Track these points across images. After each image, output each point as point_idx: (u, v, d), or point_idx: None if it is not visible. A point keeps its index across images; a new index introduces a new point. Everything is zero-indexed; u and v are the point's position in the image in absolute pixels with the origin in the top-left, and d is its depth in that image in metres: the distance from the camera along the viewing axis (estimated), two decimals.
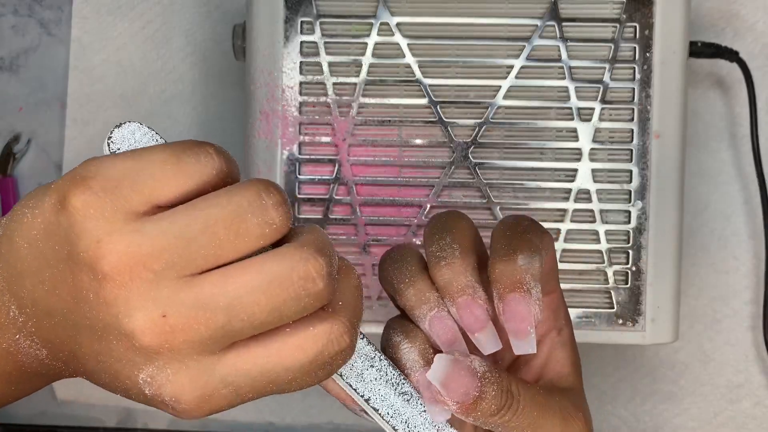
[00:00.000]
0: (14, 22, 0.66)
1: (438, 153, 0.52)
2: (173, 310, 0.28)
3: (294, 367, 0.30)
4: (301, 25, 0.52)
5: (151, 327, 0.28)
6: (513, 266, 0.34)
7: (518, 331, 0.34)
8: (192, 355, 0.29)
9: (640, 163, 0.52)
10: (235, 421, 0.64)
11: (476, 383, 0.33)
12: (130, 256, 0.28)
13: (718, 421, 0.63)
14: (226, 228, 0.28)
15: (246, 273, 0.28)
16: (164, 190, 0.29)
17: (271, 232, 0.29)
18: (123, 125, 0.32)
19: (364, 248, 0.52)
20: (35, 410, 0.65)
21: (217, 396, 0.30)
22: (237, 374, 0.30)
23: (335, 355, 0.30)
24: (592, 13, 0.51)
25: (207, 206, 0.29)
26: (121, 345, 0.29)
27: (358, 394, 0.34)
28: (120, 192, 0.28)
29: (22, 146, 0.65)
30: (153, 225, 0.28)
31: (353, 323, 0.31)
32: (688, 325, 0.62)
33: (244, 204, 0.29)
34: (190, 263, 0.28)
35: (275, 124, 0.52)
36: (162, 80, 0.65)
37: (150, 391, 0.30)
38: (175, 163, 0.29)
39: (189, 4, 0.65)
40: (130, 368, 0.30)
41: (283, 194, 0.30)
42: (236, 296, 0.28)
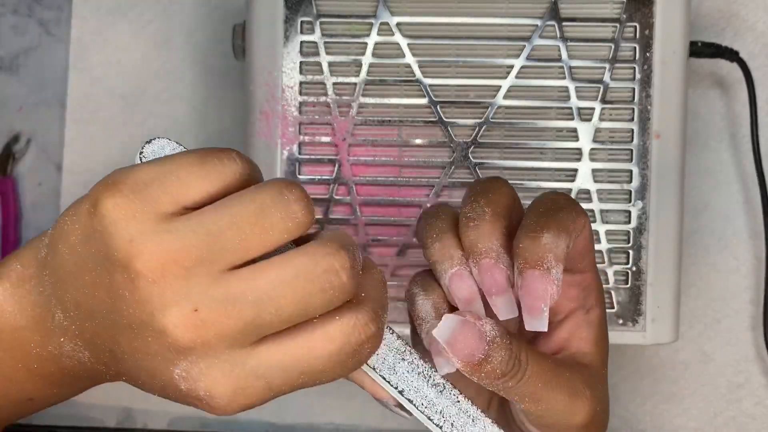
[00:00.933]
0: (14, 22, 0.66)
1: (438, 153, 0.52)
2: (204, 304, 0.29)
3: (323, 356, 0.31)
4: (301, 25, 0.52)
5: (183, 322, 0.30)
6: (537, 243, 0.34)
7: (531, 308, 0.34)
8: (224, 349, 0.30)
9: (640, 163, 0.52)
10: (235, 421, 0.64)
11: (483, 346, 0.34)
12: (161, 254, 0.29)
13: (718, 421, 0.63)
14: (251, 223, 0.30)
15: (273, 268, 0.30)
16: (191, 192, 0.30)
17: (294, 225, 0.30)
18: (153, 141, 0.34)
19: (364, 248, 0.52)
20: None
21: (250, 389, 0.31)
22: (269, 366, 0.31)
23: (363, 342, 0.31)
24: (592, 13, 0.51)
25: (232, 204, 0.30)
26: (156, 341, 0.30)
27: (392, 386, 0.35)
28: (149, 194, 0.30)
29: (22, 146, 0.65)
30: (182, 224, 0.30)
31: (378, 313, 0.32)
32: (688, 325, 0.62)
33: (267, 200, 0.30)
34: (219, 259, 0.30)
35: (275, 124, 0.52)
36: (162, 80, 0.65)
37: (185, 386, 0.31)
38: (199, 165, 0.31)
39: (189, 4, 0.65)
40: (166, 364, 0.31)
41: (304, 191, 0.31)
42: (264, 290, 0.30)
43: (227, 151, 0.32)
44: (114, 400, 0.65)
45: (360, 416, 0.64)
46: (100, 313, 0.31)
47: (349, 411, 0.64)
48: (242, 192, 0.31)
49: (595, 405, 0.37)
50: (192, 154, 0.31)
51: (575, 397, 0.36)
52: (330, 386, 0.64)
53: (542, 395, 0.36)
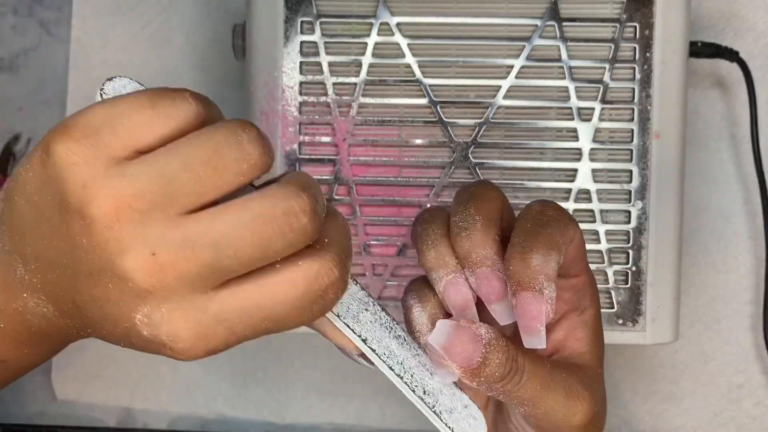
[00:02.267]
0: (14, 22, 0.66)
1: (438, 153, 0.52)
2: (162, 248, 0.29)
3: (287, 300, 0.31)
4: (301, 25, 0.52)
5: (141, 266, 0.29)
6: (527, 266, 0.35)
7: (528, 328, 0.35)
8: (184, 293, 0.30)
9: (640, 163, 0.52)
10: (235, 421, 0.64)
11: (480, 349, 0.34)
12: (114, 198, 0.29)
13: (718, 421, 0.63)
14: (204, 164, 0.29)
15: (231, 211, 0.30)
16: (143, 135, 0.30)
17: (249, 167, 0.30)
18: (115, 79, 0.33)
19: (364, 248, 0.52)
20: (35, 410, 0.65)
21: (212, 334, 0.31)
22: (230, 310, 0.31)
23: (326, 288, 0.31)
24: (592, 13, 0.51)
25: (185, 145, 0.30)
26: (116, 287, 0.30)
27: (356, 334, 0.35)
28: (100, 138, 0.30)
29: (22, 146, 0.65)
30: (134, 167, 0.29)
31: (341, 258, 0.32)
32: (688, 325, 0.62)
33: (221, 140, 0.30)
34: (174, 201, 0.29)
35: (275, 124, 0.52)
36: (162, 80, 0.65)
37: (147, 332, 0.31)
38: (151, 107, 0.30)
39: (189, 4, 0.65)
40: (127, 310, 0.31)
41: (260, 131, 0.31)
42: (222, 233, 0.29)
43: (180, 91, 0.31)
44: (114, 400, 0.65)
45: (360, 416, 0.64)
46: (60, 263, 0.31)
47: (349, 411, 0.64)
48: (196, 133, 0.30)
49: (593, 405, 0.37)
50: (143, 94, 0.31)
51: (573, 398, 0.36)
52: (330, 386, 0.64)
53: (541, 397, 0.36)
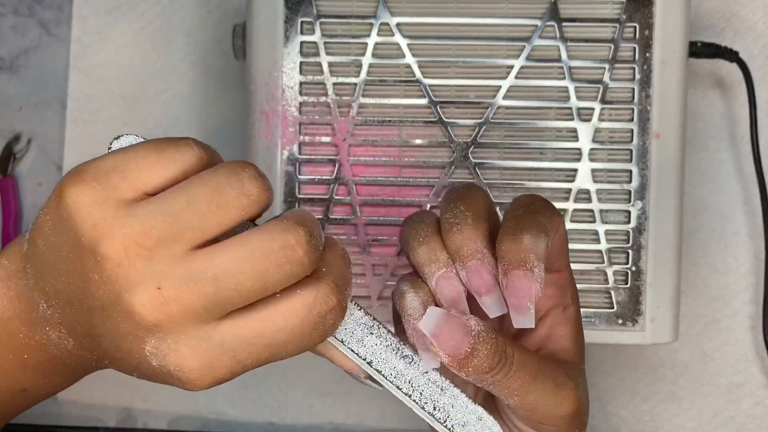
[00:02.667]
0: (14, 22, 0.66)
1: (438, 153, 0.52)
2: (167, 282, 0.31)
3: (286, 328, 0.33)
4: (301, 25, 0.52)
5: (148, 300, 0.31)
6: (519, 245, 0.36)
7: (519, 306, 0.36)
8: (189, 324, 0.32)
9: (640, 163, 0.52)
10: (235, 421, 0.64)
11: (468, 339, 0.35)
12: (123, 236, 0.31)
13: (718, 421, 0.63)
14: (207, 202, 0.31)
15: (231, 246, 0.31)
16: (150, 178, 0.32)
17: (249, 203, 0.32)
18: (122, 137, 0.35)
19: (364, 248, 0.52)
20: (35, 410, 0.65)
21: (218, 363, 0.33)
22: (234, 340, 0.32)
23: (325, 314, 0.33)
24: (592, 13, 0.51)
25: (189, 185, 0.32)
26: (126, 320, 0.32)
27: (361, 357, 0.36)
28: (109, 181, 0.32)
29: (22, 146, 0.65)
30: (142, 208, 0.32)
31: (338, 285, 0.34)
32: (688, 325, 0.62)
33: (222, 179, 0.32)
34: (179, 238, 0.31)
35: (275, 124, 0.52)
36: (162, 80, 0.65)
37: (156, 363, 0.33)
38: (157, 152, 0.32)
39: (189, 4, 0.65)
40: (137, 342, 0.32)
41: (258, 170, 0.33)
42: (223, 267, 0.31)
43: (184, 139, 0.33)
44: (114, 400, 0.65)
45: (360, 416, 0.64)
46: (77, 299, 0.33)
47: (349, 411, 0.64)
48: (199, 174, 0.32)
49: (579, 396, 0.38)
50: (150, 143, 0.33)
51: (561, 389, 0.37)
52: (330, 386, 0.64)
53: (530, 388, 0.36)
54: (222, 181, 0.32)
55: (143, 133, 0.64)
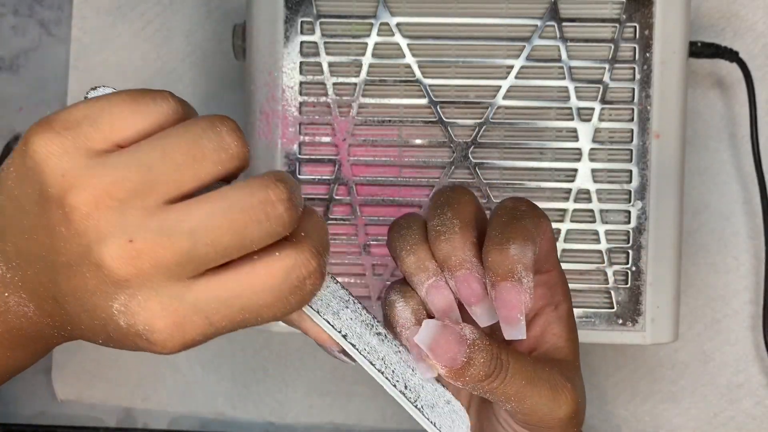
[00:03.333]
0: (14, 22, 0.66)
1: (438, 153, 0.52)
2: (139, 235, 0.30)
3: (264, 290, 0.31)
4: (301, 25, 0.52)
5: (119, 253, 0.30)
6: (505, 256, 0.35)
7: (509, 318, 0.35)
8: (161, 281, 0.30)
9: (640, 163, 0.52)
10: (235, 421, 0.64)
11: (464, 349, 0.35)
12: (94, 187, 0.30)
13: (718, 421, 0.63)
14: (183, 154, 0.30)
15: (209, 200, 0.30)
16: (123, 129, 0.31)
17: (227, 157, 0.31)
18: (99, 88, 0.34)
19: (364, 248, 0.52)
20: (35, 410, 0.65)
21: (189, 324, 0.31)
22: (208, 300, 0.31)
23: (304, 278, 0.32)
24: (592, 13, 0.51)
25: (164, 136, 0.31)
26: (94, 275, 0.30)
27: (336, 329, 0.35)
28: (80, 130, 0.30)
29: None
30: (114, 158, 0.30)
31: (318, 250, 0.32)
32: (688, 325, 0.62)
33: (199, 132, 0.30)
34: (153, 191, 0.30)
35: (275, 124, 0.52)
36: (162, 80, 0.65)
37: (124, 322, 0.31)
38: (132, 103, 0.31)
39: (189, 4, 0.65)
40: (105, 299, 0.31)
41: (237, 125, 0.32)
42: (199, 221, 0.30)
43: (161, 91, 0.32)
44: (114, 400, 0.65)
45: (360, 416, 0.64)
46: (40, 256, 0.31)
47: (349, 411, 0.64)
48: (176, 126, 0.31)
49: (576, 396, 0.38)
50: (125, 93, 0.31)
51: (558, 391, 0.37)
52: (330, 386, 0.64)
53: (526, 393, 0.36)
54: (199, 132, 0.30)
55: None
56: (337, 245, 0.52)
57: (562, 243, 0.52)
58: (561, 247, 0.52)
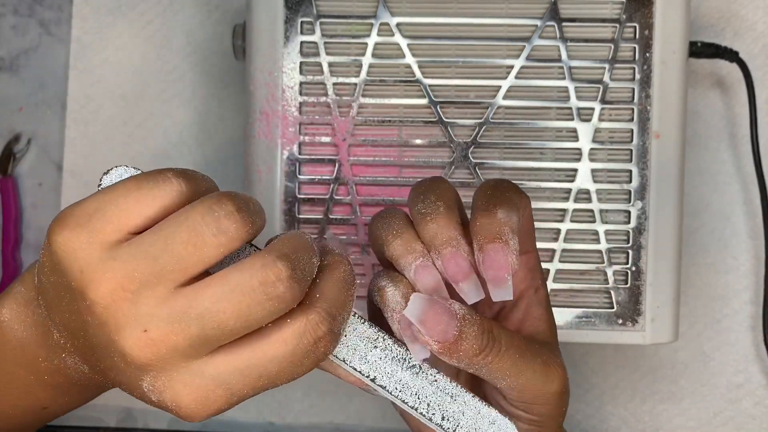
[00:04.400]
0: (14, 22, 0.66)
1: (438, 153, 0.52)
2: (152, 324, 0.32)
3: (278, 358, 0.33)
4: (301, 25, 0.52)
5: (136, 342, 0.32)
6: (493, 219, 0.36)
7: (497, 279, 0.36)
8: (180, 362, 0.32)
9: (640, 163, 0.52)
10: (235, 421, 0.64)
11: (455, 322, 0.35)
12: (108, 281, 0.32)
13: (718, 421, 0.63)
14: (183, 243, 0.31)
15: (212, 285, 0.32)
16: (131, 218, 0.32)
17: (227, 240, 0.32)
18: (112, 171, 0.35)
19: (364, 248, 0.52)
20: None
21: (213, 396, 0.33)
22: (227, 372, 0.33)
23: (315, 342, 0.33)
24: (592, 13, 0.51)
25: (165, 226, 0.32)
26: (121, 360, 0.33)
27: (363, 375, 0.36)
28: (92, 225, 0.32)
29: (23, 146, 0.65)
30: (124, 250, 0.32)
31: (330, 312, 0.33)
32: (688, 325, 0.62)
33: (198, 218, 0.32)
34: (160, 279, 0.31)
35: (275, 124, 0.52)
36: (162, 80, 0.65)
37: (155, 398, 0.33)
38: (136, 191, 0.33)
39: (189, 4, 0.65)
40: (135, 379, 0.33)
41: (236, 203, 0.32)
42: (205, 306, 0.31)
43: (163, 172, 0.33)
44: (114, 400, 0.65)
45: (360, 416, 0.64)
46: (80, 334, 0.34)
47: (349, 411, 0.64)
48: (176, 214, 0.32)
49: (565, 373, 0.38)
50: (131, 180, 0.33)
51: (549, 365, 0.38)
52: (330, 386, 0.64)
53: (521, 367, 0.37)
54: (198, 219, 0.32)
55: (143, 134, 0.64)
56: None
57: (562, 243, 0.52)
58: (561, 247, 0.52)
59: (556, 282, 0.52)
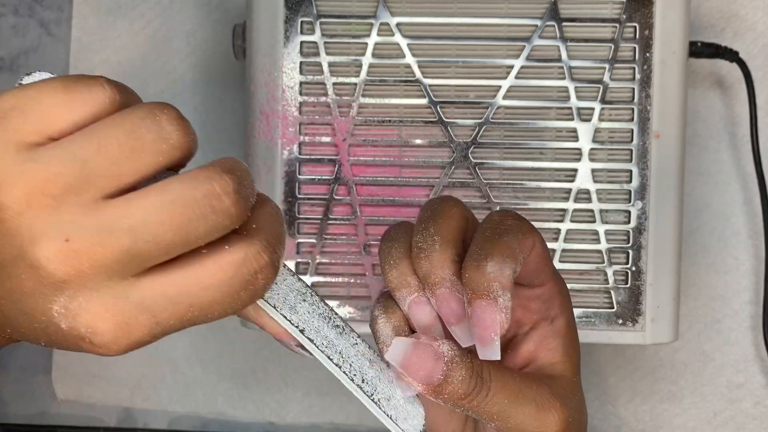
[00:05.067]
0: (14, 22, 0.66)
1: (438, 153, 0.52)
2: (76, 234, 0.28)
3: (213, 286, 0.29)
4: (301, 25, 0.52)
5: (55, 253, 0.28)
6: (481, 273, 0.34)
7: (482, 338, 0.34)
8: (102, 280, 0.29)
9: (640, 163, 0.52)
10: (235, 421, 0.64)
11: (440, 366, 0.34)
12: (25, 183, 0.28)
13: (718, 421, 0.63)
14: (120, 145, 0.28)
15: (150, 194, 0.28)
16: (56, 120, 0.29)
17: (168, 147, 0.29)
18: (34, 73, 0.32)
19: (364, 248, 0.52)
20: (35, 410, 0.65)
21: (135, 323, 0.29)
22: (154, 298, 0.29)
23: (255, 273, 0.30)
24: (592, 13, 0.51)
25: (100, 127, 0.29)
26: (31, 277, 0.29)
27: (293, 324, 0.34)
28: (8, 124, 0.28)
29: None
30: (47, 152, 0.28)
31: (271, 242, 0.30)
32: (688, 325, 0.62)
33: (137, 121, 0.29)
34: (89, 186, 0.28)
35: (275, 124, 0.52)
36: (162, 80, 0.65)
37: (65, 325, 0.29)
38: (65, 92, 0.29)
39: (189, 4, 0.65)
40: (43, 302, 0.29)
41: (179, 112, 0.29)
42: (140, 217, 0.28)
43: (96, 78, 0.30)
44: (114, 400, 0.65)
45: (360, 416, 0.64)
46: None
47: (349, 411, 0.64)
48: (112, 116, 0.29)
49: (567, 416, 0.36)
50: (56, 80, 0.29)
51: (544, 411, 0.36)
52: (330, 386, 0.64)
53: (510, 412, 0.35)
54: (138, 122, 0.29)
55: None
56: (337, 245, 0.52)
57: (562, 243, 0.52)
58: (561, 247, 0.52)
59: None
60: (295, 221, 0.52)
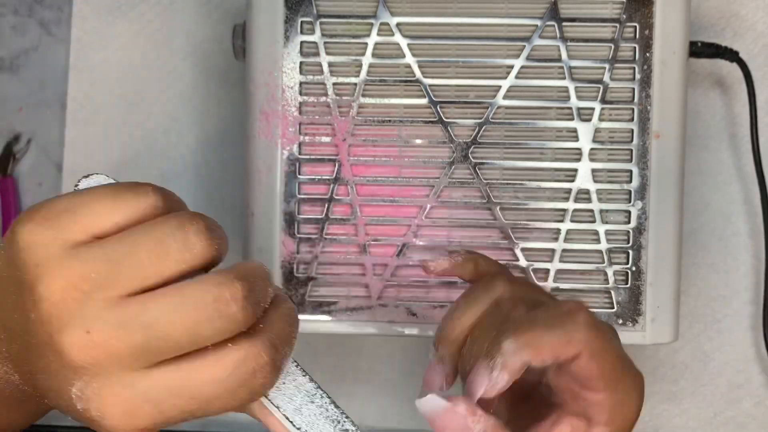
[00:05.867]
0: (14, 22, 0.66)
1: (438, 153, 0.52)
2: (97, 327, 0.31)
3: (212, 381, 0.32)
4: (301, 25, 0.52)
5: (77, 342, 0.31)
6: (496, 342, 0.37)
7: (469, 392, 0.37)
8: (116, 370, 0.31)
9: (640, 163, 0.52)
10: (235, 421, 0.64)
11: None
12: (62, 278, 0.31)
13: (718, 421, 0.63)
14: (148, 251, 0.31)
15: (165, 296, 0.31)
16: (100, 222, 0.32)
17: (191, 256, 0.31)
18: (91, 176, 0.35)
19: (364, 248, 0.52)
20: None
21: (139, 412, 0.32)
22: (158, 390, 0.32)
23: (254, 371, 0.32)
24: (592, 13, 0.51)
25: (134, 233, 0.32)
26: (56, 360, 0.32)
27: (295, 426, 0.35)
28: (59, 222, 0.32)
29: (22, 146, 0.65)
30: (86, 250, 0.31)
31: (273, 343, 0.32)
32: (688, 325, 0.62)
33: (167, 230, 0.31)
34: (115, 284, 0.31)
35: (275, 124, 0.52)
36: (162, 80, 0.65)
37: (81, 406, 0.32)
38: (112, 197, 0.32)
39: (189, 4, 0.65)
40: (65, 383, 0.32)
41: (208, 224, 0.32)
42: (154, 316, 0.31)
43: (143, 185, 0.33)
44: None
45: (360, 416, 0.64)
46: (19, 335, 0.33)
47: (350, 411, 0.64)
48: (146, 223, 0.32)
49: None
50: (108, 187, 0.33)
51: None
52: (330, 386, 0.63)
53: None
54: (167, 231, 0.31)
55: (142, 134, 0.64)
56: (337, 245, 0.52)
57: (563, 243, 0.52)
58: (561, 247, 0.52)
59: (556, 282, 0.52)
60: (295, 221, 0.52)
